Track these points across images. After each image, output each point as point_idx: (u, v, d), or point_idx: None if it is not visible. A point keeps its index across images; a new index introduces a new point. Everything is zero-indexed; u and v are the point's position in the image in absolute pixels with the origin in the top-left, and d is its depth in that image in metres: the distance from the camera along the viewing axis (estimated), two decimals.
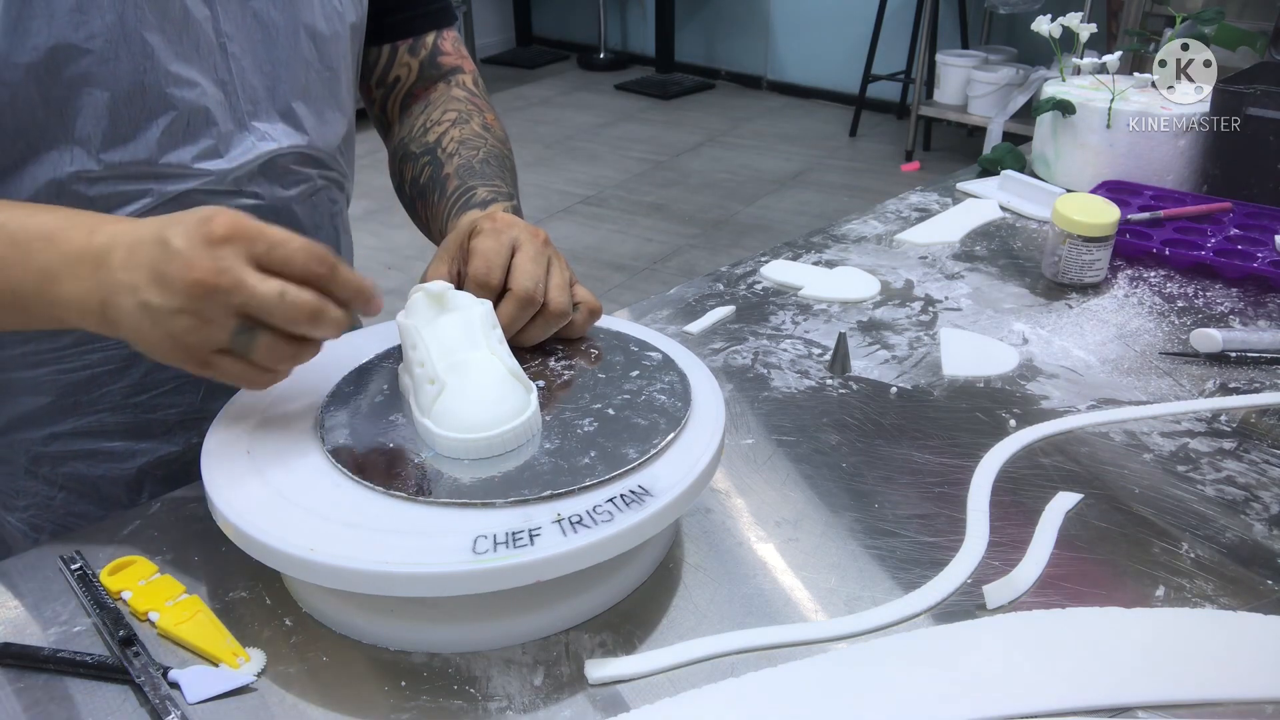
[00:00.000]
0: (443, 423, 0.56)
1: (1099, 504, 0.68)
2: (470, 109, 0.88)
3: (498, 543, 0.50)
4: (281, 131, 0.74)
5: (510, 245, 0.65)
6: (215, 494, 0.54)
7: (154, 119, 0.67)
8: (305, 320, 0.53)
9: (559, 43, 6.23)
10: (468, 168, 0.81)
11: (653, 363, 0.66)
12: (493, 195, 0.78)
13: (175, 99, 0.67)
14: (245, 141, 0.72)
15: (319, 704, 0.52)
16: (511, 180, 0.85)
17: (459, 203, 0.78)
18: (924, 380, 0.83)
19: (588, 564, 0.51)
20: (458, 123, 0.86)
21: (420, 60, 0.90)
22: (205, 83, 0.68)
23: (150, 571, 0.59)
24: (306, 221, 0.79)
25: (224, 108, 0.70)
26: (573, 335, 0.69)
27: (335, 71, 0.77)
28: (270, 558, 0.51)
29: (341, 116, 0.80)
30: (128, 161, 0.67)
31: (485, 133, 0.86)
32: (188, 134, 0.68)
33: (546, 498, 0.53)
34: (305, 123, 0.76)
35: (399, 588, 0.49)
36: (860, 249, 1.10)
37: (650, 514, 0.52)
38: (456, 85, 0.91)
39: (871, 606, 0.58)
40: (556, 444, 0.58)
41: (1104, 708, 0.51)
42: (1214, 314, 0.94)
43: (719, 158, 4.34)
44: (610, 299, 3.03)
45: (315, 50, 0.75)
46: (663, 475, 0.55)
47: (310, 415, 0.61)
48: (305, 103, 0.75)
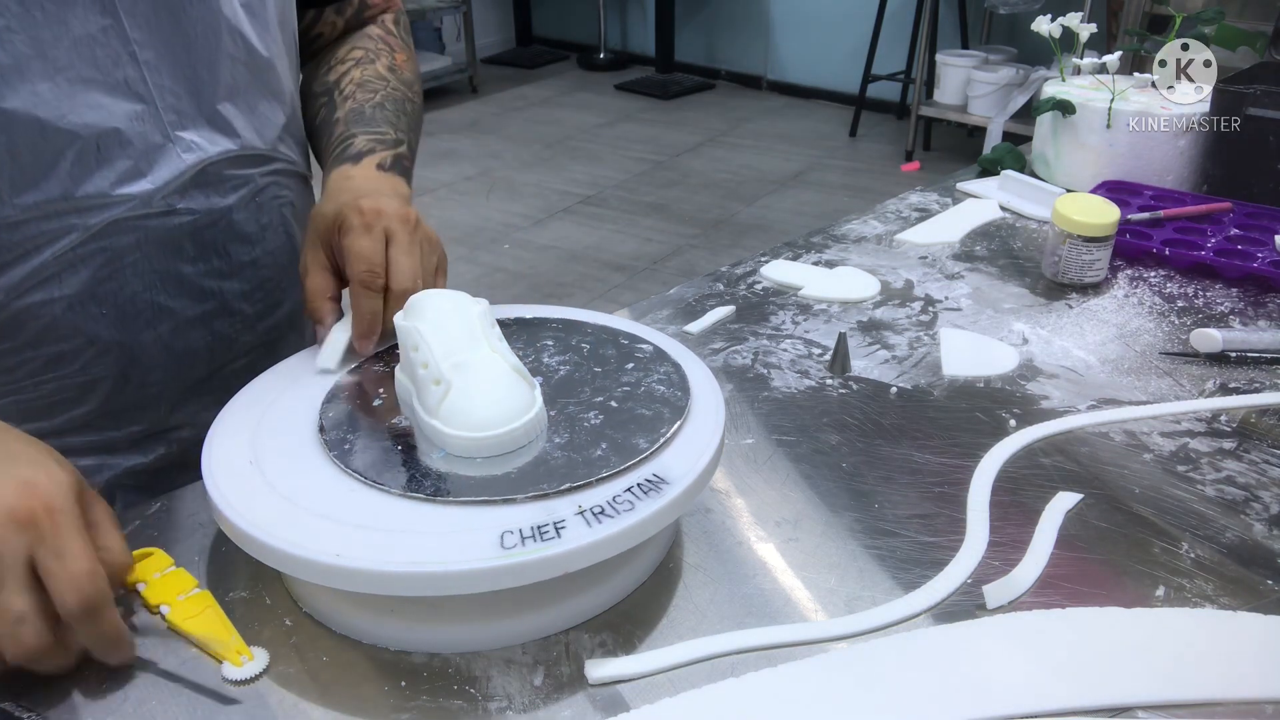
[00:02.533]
0: (452, 422, 0.56)
1: (1099, 504, 0.68)
2: (380, 49, 0.84)
3: (524, 537, 0.50)
4: (209, 138, 0.70)
5: (383, 238, 0.65)
6: (227, 509, 0.53)
7: (60, 153, 0.63)
8: (20, 658, 0.48)
9: (559, 43, 6.23)
10: (357, 112, 0.78)
11: (645, 355, 0.67)
12: (371, 145, 0.75)
13: (77, 126, 0.63)
14: (169, 156, 0.68)
15: (319, 704, 0.52)
16: (407, 126, 0.81)
17: (338, 149, 0.75)
18: (924, 380, 0.84)
19: (613, 553, 0.52)
20: (361, 63, 0.82)
21: (345, 18, 0.86)
22: (112, 101, 0.64)
23: (167, 564, 0.59)
24: (251, 228, 0.76)
25: (142, 123, 0.66)
26: None
27: (268, 59, 0.73)
28: (295, 567, 0.51)
29: (279, 104, 0.76)
30: (42, 201, 0.64)
31: (389, 74, 0.83)
32: (100, 159, 0.64)
33: (566, 490, 0.54)
34: (235, 123, 0.72)
35: (430, 587, 0.50)
36: (860, 249, 1.10)
37: (669, 500, 0.54)
38: (375, 24, 0.88)
39: (871, 606, 0.58)
40: (566, 438, 0.58)
41: (1104, 708, 0.51)
42: (1214, 314, 0.94)
43: (719, 158, 4.34)
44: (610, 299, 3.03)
45: (240, 43, 0.70)
46: (674, 463, 0.56)
47: (309, 422, 0.61)
48: (234, 102, 0.71)
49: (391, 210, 0.66)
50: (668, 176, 4.12)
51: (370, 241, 0.64)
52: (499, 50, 6.13)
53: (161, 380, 0.75)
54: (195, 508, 0.66)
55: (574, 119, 4.94)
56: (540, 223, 3.66)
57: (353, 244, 0.64)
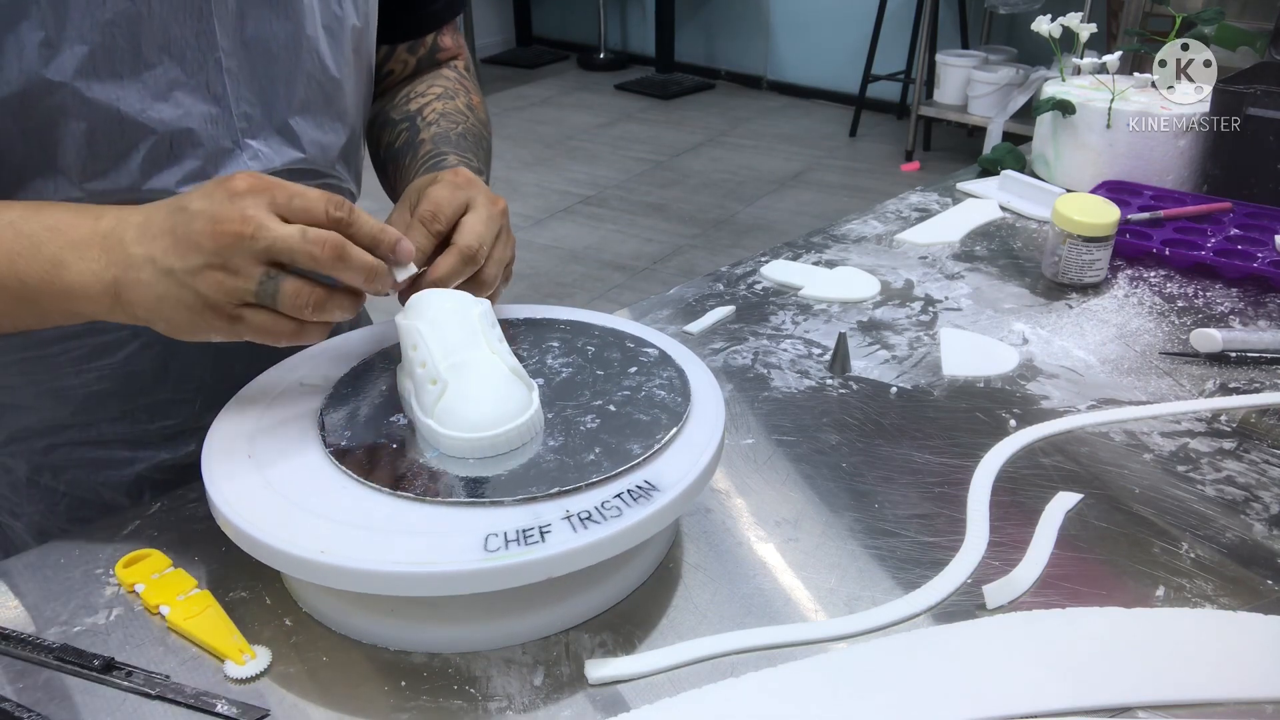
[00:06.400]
0: (446, 422, 0.56)
1: (1099, 504, 0.68)
2: (457, 88, 0.87)
3: (509, 540, 0.50)
4: (276, 149, 0.72)
5: (465, 201, 0.65)
6: (221, 501, 0.54)
7: (134, 146, 0.65)
8: (329, 258, 0.54)
9: (559, 43, 6.23)
10: (444, 136, 0.80)
11: (649, 359, 0.67)
12: (462, 163, 0.76)
13: (155, 123, 0.65)
14: (236, 161, 0.69)
15: (319, 704, 0.52)
16: (485, 160, 0.83)
17: (428, 164, 0.76)
18: (924, 380, 0.83)
19: (598, 559, 0.51)
20: (442, 97, 0.84)
21: (418, 57, 0.89)
22: (192, 102, 0.66)
23: (164, 565, 0.60)
24: None
25: (215, 126, 0.68)
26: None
27: (338, 80, 0.75)
28: (281, 562, 0.51)
29: (343, 125, 0.78)
30: (110, 190, 0.65)
31: (468, 111, 0.85)
32: (171, 157, 0.66)
33: (555, 495, 0.53)
34: (303, 138, 0.73)
35: (412, 588, 0.50)
36: (860, 249, 1.10)
37: (658, 508, 0.53)
38: (447, 66, 0.90)
39: (871, 606, 0.58)
40: (560, 441, 0.58)
41: (1104, 708, 0.51)
42: (1214, 314, 0.94)
43: (719, 158, 4.34)
44: (610, 299, 3.03)
45: (317, 61, 0.72)
46: (667, 470, 0.56)
47: (310, 417, 0.61)
48: (304, 116, 0.73)
49: (485, 188, 0.67)
50: (668, 176, 4.12)
51: (450, 195, 0.64)
52: (499, 50, 6.13)
53: (199, 377, 0.76)
54: (195, 508, 0.66)
55: (574, 119, 4.94)
56: (540, 223, 3.66)
57: (433, 191, 0.65)
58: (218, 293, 0.53)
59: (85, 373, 0.72)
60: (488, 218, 0.64)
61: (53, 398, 0.73)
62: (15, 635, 0.55)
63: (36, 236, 0.55)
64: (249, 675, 0.53)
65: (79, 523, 0.77)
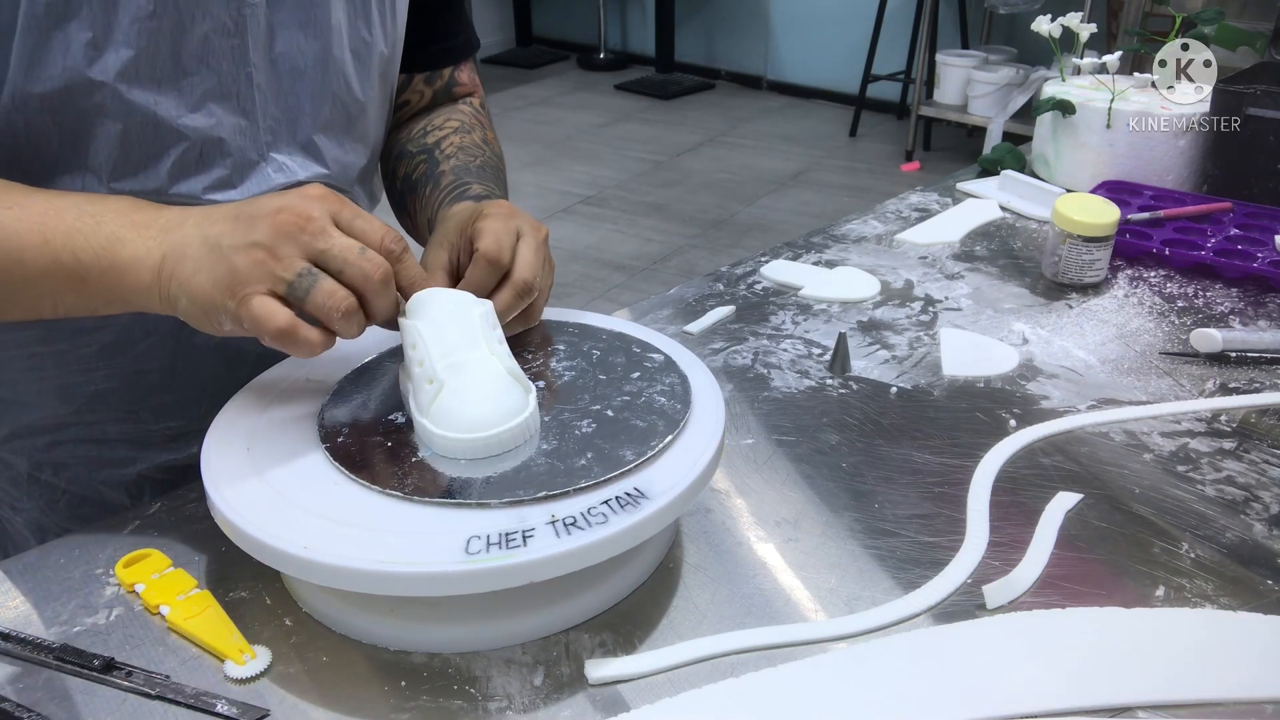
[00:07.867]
0: (440, 422, 0.56)
1: (1099, 504, 0.68)
2: (473, 123, 0.88)
3: (490, 543, 0.50)
4: (301, 164, 0.73)
5: (516, 232, 0.65)
6: (214, 490, 0.54)
7: (166, 150, 0.66)
8: (379, 279, 0.56)
9: (559, 43, 6.23)
10: (464, 168, 0.81)
11: (654, 364, 0.66)
12: (487, 194, 0.77)
13: (188, 129, 0.66)
14: (262, 173, 0.71)
15: (319, 704, 0.52)
16: (503, 193, 0.84)
17: (452, 194, 0.77)
18: (924, 380, 0.84)
19: (580, 566, 0.51)
20: (459, 131, 0.85)
21: (435, 89, 0.89)
22: (224, 112, 0.68)
23: (164, 565, 0.60)
24: None
25: (244, 137, 0.69)
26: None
27: (362, 103, 0.76)
28: (265, 555, 0.51)
29: (364, 148, 0.79)
30: (137, 191, 0.66)
31: (485, 145, 0.86)
32: (200, 164, 0.68)
33: (541, 499, 0.53)
34: (326, 155, 0.75)
35: (391, 587, 0.50)
36: (860, 249, 1.10)
37: (644, 517, 0.52)
38: (463, 102, 0.91)
39: (871, 606, 0.58)
40: (554, 445, 0.58)
41: (1104, 708, 0.51)
42: (1214, 314, 0.94)
43: (719, 158, 4.34)
44: (610, 299, 3.03)
45: (343, 82, 0.73)
46: (659, 478, 0.55)
47: (311, 414, 0.61)
48: (328, 135, 0.74)
49: (527, 216, 0.68)
50: (668, 176, 4.12)
51: (504, 226, 0.65)
52: (499, 50, 6.13)
53: (207, 378, 0.76)
54: (195, 508, 0.66)
55: (574, 119, 4.93)
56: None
57: (487, 225, 0.65)
58: (254, 271, 0.53)
59: (93, 371, 0.73)
60: (536, 247, 0.65)
61: (58, 395, 0.73)
62: (15, 635, 0.55)
63: (101, 215, 0.57)
64: (249, 675, 0.53)
65: (79, 520, 0.78)
